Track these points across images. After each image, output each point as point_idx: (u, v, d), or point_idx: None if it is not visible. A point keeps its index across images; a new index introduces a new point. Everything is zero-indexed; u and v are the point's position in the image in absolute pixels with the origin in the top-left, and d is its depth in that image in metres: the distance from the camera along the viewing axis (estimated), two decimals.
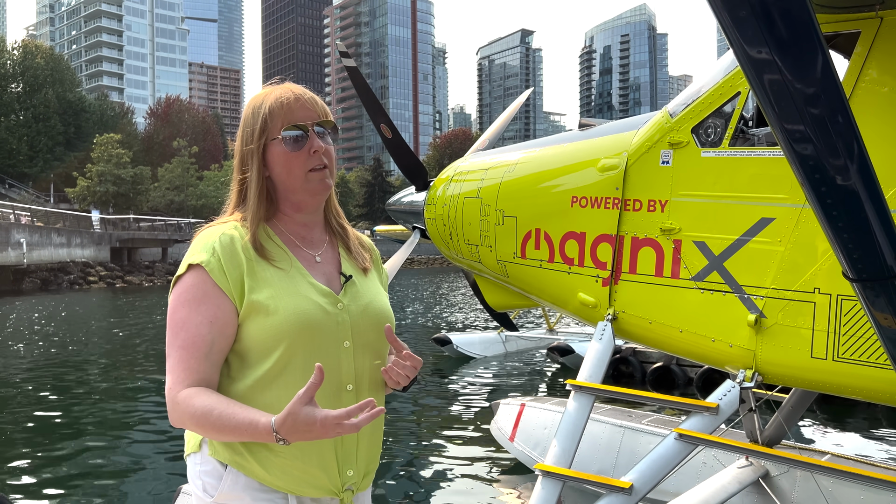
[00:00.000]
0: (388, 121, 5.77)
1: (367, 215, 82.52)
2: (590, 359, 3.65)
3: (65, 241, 40.91)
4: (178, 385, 1.56)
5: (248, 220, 1.70)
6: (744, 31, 1.59)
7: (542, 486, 3.18)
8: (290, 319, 1.60)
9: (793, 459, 3.43)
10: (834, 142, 1.72)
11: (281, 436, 1.44)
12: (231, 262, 1.62)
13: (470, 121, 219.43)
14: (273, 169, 1.71)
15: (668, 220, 3.56)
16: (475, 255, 4.80)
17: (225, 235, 1.65)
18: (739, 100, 3.43)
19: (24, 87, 62.67)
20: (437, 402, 9.57)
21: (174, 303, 1.63)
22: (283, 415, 1.42)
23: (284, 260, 1.70)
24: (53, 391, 10.50)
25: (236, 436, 1.51)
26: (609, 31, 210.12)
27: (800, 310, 3.12)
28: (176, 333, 1.60)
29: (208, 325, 1.58)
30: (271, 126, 1.67)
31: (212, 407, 1.51)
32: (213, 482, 1.62)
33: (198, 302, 1.59)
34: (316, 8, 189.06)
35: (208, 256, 1.61)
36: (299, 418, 1.41)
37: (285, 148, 1.67)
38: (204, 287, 1.60)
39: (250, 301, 1.60)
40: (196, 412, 1.52)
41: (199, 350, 1.57)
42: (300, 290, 1.66)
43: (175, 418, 1.58)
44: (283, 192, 1.72)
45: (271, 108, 1.67)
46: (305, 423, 1.41)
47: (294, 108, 1.67)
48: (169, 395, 1.57)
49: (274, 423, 1.44)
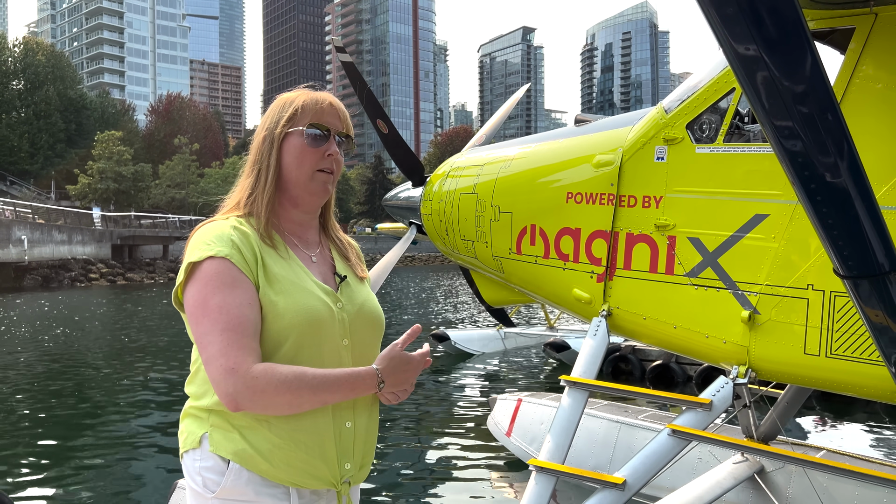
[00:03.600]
0: (384, 116, 5.77)
1: (367, 213, 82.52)
2: (584, 354, 3.66)
3: (66, 238, 40.94)
4: (242, 362, 1.53)
5: (260, 205, 1.73)
6: (732, 28, 1.59)
7: (535, 481, 3.19)
8: (299, 315, 1.63)
9: (787, 455, 3.44)
10: (823, 139, 1.72)
11: (382, 377, 1.65)
12: (249, 254, 1.65)
13: (471, 118, 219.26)
14: (285, 158, 1.76)
15: (662, 216, 3.57)
16: (471, 250, 4.81)
17: (237, 230, 1.67)
18: (734, 96, 3.43)
19: (26, 84, 62.72)
20: (435, 398, 9.59)
21: (202, 291, 1.59)
22: (386, 357, 1.66)
23: (287, 257, 1.74)
24: (53, 388, 10.52)
25: (335, 391, 1.60)
26: (610, 29, 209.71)
27: (793, 306, 3.13)
28: (215, 319, 1.56)
29: (248, 306, 1.59)
30: (300, 117, 1.75)
31: (303, 370, 1.58)
32: (214, 478, 1.62)
33: (231, 287, 1.59)
34: (317, 5, 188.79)
35: (229, 248, 1.62)
36: (400, 359, 1.66)
37: (304, 141, 1.75)
38: (232, 273, 1.60)
39: (264, 294, 1.63)
40: (287, 377, 1.55)
41: (247, 329, 1.57)
42: (306, 286, 1.70)
43: (249, 394, 1.53)
44: (285, 183, 1.77)
45: (305, 103, 1.76)
46: (403, 363, 1.66)
47: (326, 111, 1.77)
48: (234, 374, 1.52)
49: (377, 366, 1.65)
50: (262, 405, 1.56)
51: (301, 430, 1.62)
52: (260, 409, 1.57)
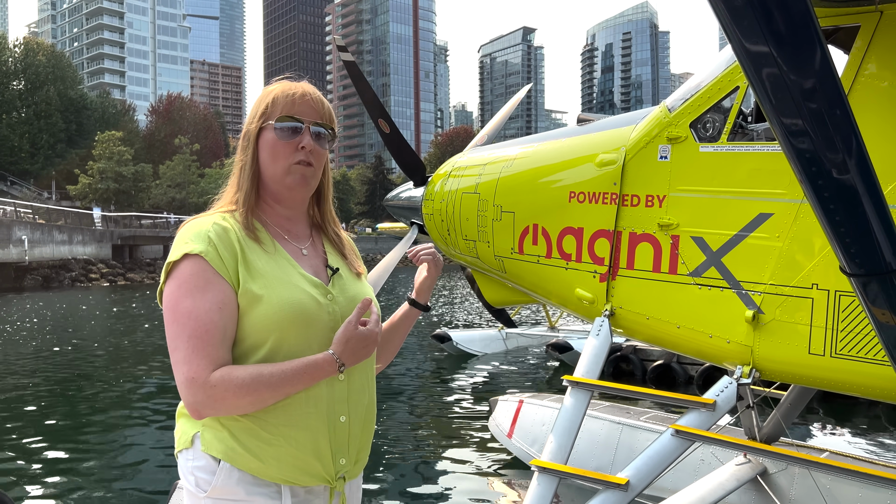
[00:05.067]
0: (386, 116, 5.75)
1: (368, 213, 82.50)
2: (587, 355, 3.64)
3: (66, 238, 40.92)
4: (202, 372, 1.53)
5: (240, 202, 1.72)
6: (740, 23, 1.57)
7: (537, 481, 3.17)
8: (284, 309, 1.62)
9: (791, 456, 3.42)
10: (832, 135, 1.70)
11: (342, 360, 1.62)
12: (227, 250, 1.62)
13: (471, 119, 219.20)
14: (261, 154, 1.74)
15: (665, 215, 3.54)
16: (473, 250, 4.79)
17: (217, 225, 1.65)
18: (738, 94, 3.41)
19: (26, 84, 62.72)
20: (436, 399, 9.57)
21: (175, 294, 1.59)
22: (341, 341, 1.62)
23: (273, 251, 1.72)
24: (53, 388, 10.51)
25: (295, 383, 1.57)
26: (611, 29, 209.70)
27: (798, 306, 3.10)
28: (183, 324, 1.56)
29: (218, 311, 1.57)
30: (271, 112, 1.72)
31: (259, 370, 1.56)
32: (206, 477, 1.61)
33: (202, 290, 1.57)
34: (317, 5, 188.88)
35: (205, 245, 1.60)
36: (357, 338, 1.62)
37: (275, 135, 1.71)
38: (205, 275, 1.58)
39: (245, 290, 1.61)
40: (244, 381, 1.53)
41: (213, 337, 1.55)
42: (292, 280, 1.68)
43: (209, 403, 1.54)
44: (264, 179, 1.76)
45: (276, 96, 1.73)
46: (361, 340, 1.63)
47: (297, 102, 1.72)
48: (193, 384, 1.53)
49: (333, 351, 1.61)
50: (225, 410, 1.57)
51: (292, 427, 1.62)
52: (223, 413, 1.59)
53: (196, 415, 1.57)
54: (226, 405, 1.55)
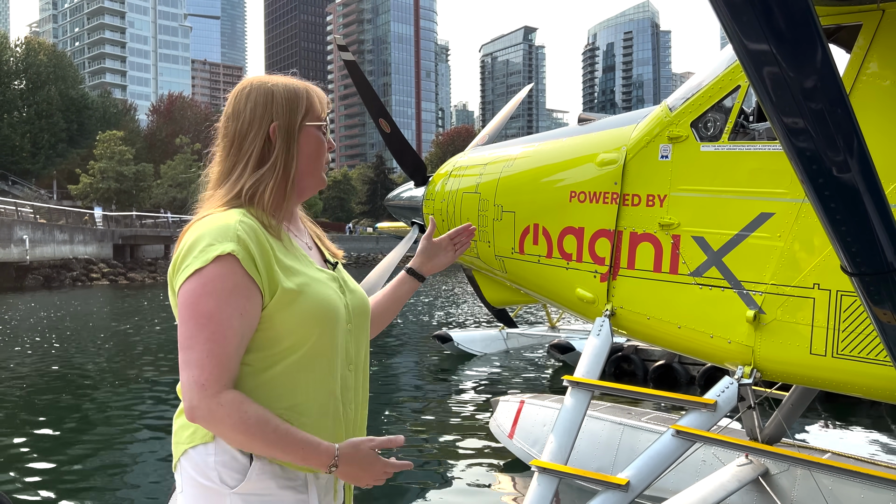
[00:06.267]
0: (386, 115, 5.74)
1: (369, 213, 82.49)
2: (587, 355, 3.63)
3: (67, 238, 40.92)
4: (214, 383, 1.48)
5: (269, 198, 1.66)
6: (741, 21, 1.56)
7: (538, 482, 3.16)
8: (321, 305, 1.62)
9: (792, 457, 3.40)
10: (833, 134, 1.69)
11: (339, 461, 1.56)
12: (260, 250, 1.57)
13: (473, 118, 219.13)
14: (302, 150, 1.72)
15: (666, 214, 3.53)
16: (473, 250, 4.78)
17: (244, 223, 1.58)
18: (739, 94, 3.40)
19: (27, 84, 62.77)
20: (437, 399, 9.56)
21: (197, 291, 1.52)
22: (353, 445, 1.58)
23: (291, 247, 1.72)
24: (53, 388, 10.50)
25: (288, 452, 1.53)
26: (612, 29, 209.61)
27: (799, 306, 3.09)
28: (202, 325, 1.50)
29: (239, 317, 1.52)
30: (311, 111, 1.72)
31: (268, 419, 1.51)
32: (233, 473, 1.56)
33: (228, 293, 1.52)
34: (319, 5, 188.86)
35: (234, 244, 1.53)
36: (366, 455, 1.58)
37: (321, 136, 1.75)
38: (234, 277, 1.52)
39: (284, 289, 1.58)
40: (249, 419, 1.49)
41: (230, 343, 1.51)
42: (317, 276, 1.69)
43: (206, 416, 1.50)
44: (298, 175, 1.74)
45: (318, 94, 1.75)
46: (367, 459, 1.58)
47: (326, 106, 1.78)
48: (201, 391, 1.49)
49: (338, 448, 1.56)
50: (214, 430, 1.54)
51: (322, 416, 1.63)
52: (210, 430, 1.55)
53: (189, 417, 1.53)
54: (218, 427, 1.52)
